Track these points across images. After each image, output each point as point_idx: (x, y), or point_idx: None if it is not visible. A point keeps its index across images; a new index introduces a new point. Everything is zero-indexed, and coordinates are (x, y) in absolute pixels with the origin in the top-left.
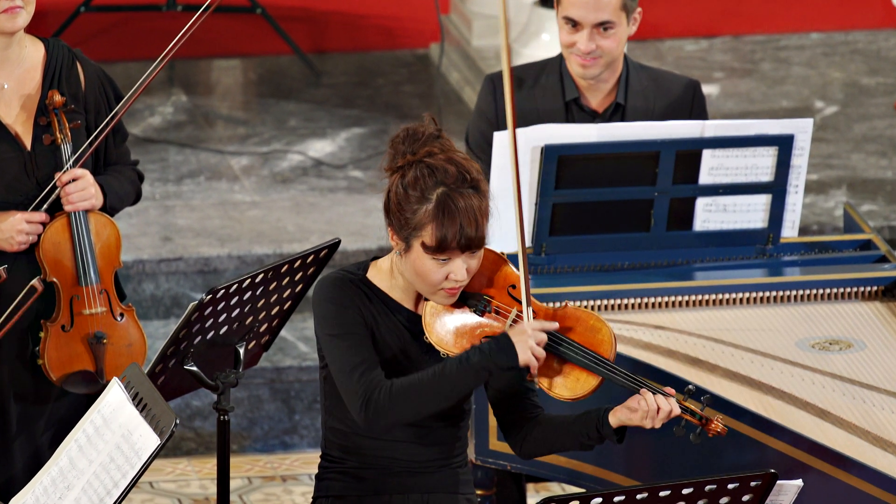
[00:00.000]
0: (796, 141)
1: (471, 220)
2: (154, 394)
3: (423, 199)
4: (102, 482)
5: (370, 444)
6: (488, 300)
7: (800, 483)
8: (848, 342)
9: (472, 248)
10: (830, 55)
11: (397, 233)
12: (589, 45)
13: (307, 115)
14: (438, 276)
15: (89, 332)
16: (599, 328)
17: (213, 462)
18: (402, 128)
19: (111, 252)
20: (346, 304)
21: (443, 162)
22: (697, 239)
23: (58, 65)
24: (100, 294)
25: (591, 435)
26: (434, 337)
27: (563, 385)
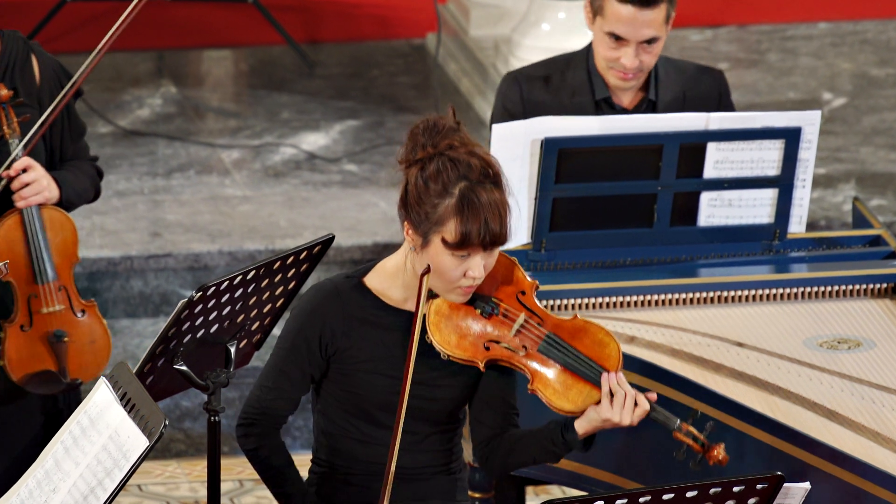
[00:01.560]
0: (804, 134)
1: (495, 216)
2: (142, 394)
3: (444, 193)
4: (89, 485)
5: (361, 449)
6: (497, 303)
7: (807, 486)
8: (857, 341)
9: (495, 244)
10: (839, 45)
11: (415, 228)
12: (634, 61)
13: (300, 107)
14: (456, 273)
15: (49, 330)
16: (607, 343)
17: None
18: (422, 119)
19: (68, 247)
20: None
21: (465, 155)
22: (702, 234)
23: (12, 57)
24: (58, 291)
25: (556, 441)
26: (437, 336)
27: (566, 397)
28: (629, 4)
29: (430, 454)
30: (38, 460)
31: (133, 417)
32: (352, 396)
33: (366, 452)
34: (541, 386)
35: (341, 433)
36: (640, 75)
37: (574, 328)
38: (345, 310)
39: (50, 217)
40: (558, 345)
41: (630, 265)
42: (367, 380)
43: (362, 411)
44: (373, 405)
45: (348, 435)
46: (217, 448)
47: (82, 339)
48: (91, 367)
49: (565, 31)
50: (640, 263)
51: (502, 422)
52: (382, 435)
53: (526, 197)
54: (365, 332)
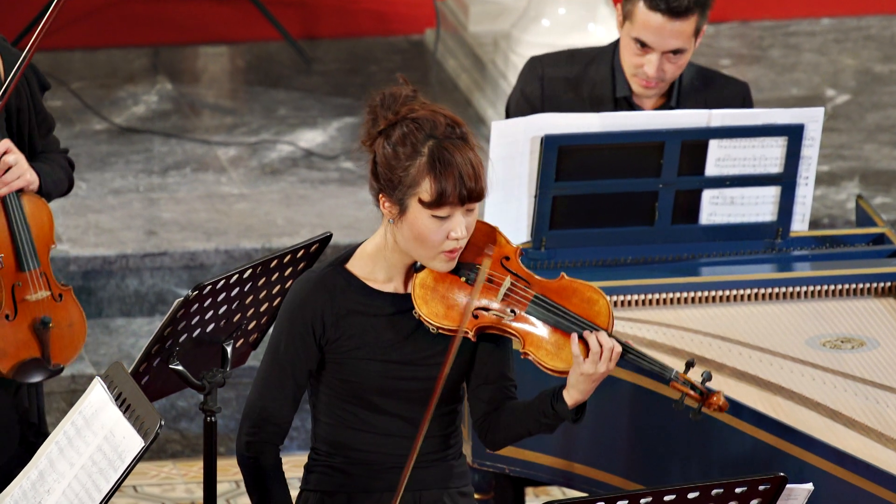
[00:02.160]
0: (807, 131)
1: (469, 170)
2: (138, 394)
3: (414, 153)
4: (84, 486)
5: (359, 438)
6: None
7: (810, 487)
8: (860, 340)
9: (472, 200)
10: (842, 41)
11: (390, 196)
12: (658, 71)
13: (297, 104)
14: (438, 236)
15: (35, 318)
16: (596, 300)
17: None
18: (377, 93)
19: (45, 233)
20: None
21: (429, 114)
22: (703, 233)
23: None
24: (40, 277)
25: (547, 412)
26: (424, 309)
27: (558, 357)
28: (659, 13)
29: (427, 441)
30: (33, 460)
31: (128, 418)
32: (347, 384)
33: (364, 440)
34: (532, 348)
35: (339, 422)
36: (663, 85)
37: (561, 287)
38: (333, 300)
39: (29, 203)
40: (547, 305)
41: (631, 264)
42: (360, 367)
43: (359, 398)
44: (369, 391)
45: (346, 424)
46: (213, 449)
47: (62, 322)
48: (69, 350)
49: (566, 27)
50: (641, 262)
51: (500, 395)
52: (381, 421)
53: (526, 195)
54: (354, 320)
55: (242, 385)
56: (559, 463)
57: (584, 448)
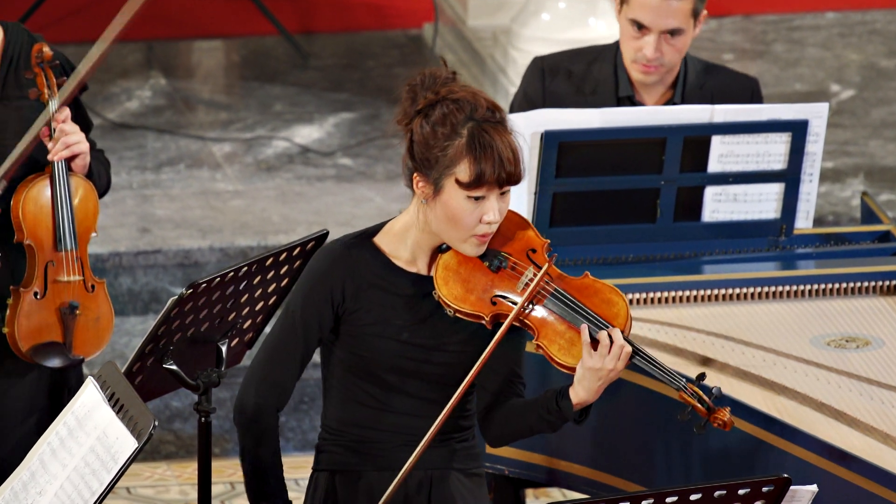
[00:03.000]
0: (811, 127)
1: (508, 153)
2: (131, 394)
3: (453, 133)
4: (76, 487)
5: (369, 415)
6: (505, 257)
7: (814, 488)
8: (865, 339)
9: (510, 183)
10: (847, 36)
11: (425, 175)
12: (655, 52)
13: (293, 100)
14: (472, 219)
15: (63, 301)
16: (615, 301)
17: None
18: (417, 73)
19: (89, 218)
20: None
21: (469, 96)
22: (706, 230)
23: (17, 50)
24: (75, 261)
25: (551, 408)
26: (444, 290)
27: (570, 353)
28: None
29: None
30: (24, 461)
31: (121, 418)
32: (359, 359)
33: (374, 417)
34: (546, 342)
35: (350, 397)
36: (662, 70)
37: (583, 286)
38: (355, 271)
39: (77, 184)
40: (565, 300)
41: (632, 262)
42: (373, 343)
43: (370, 374)
44: (381, 368)
45: (357, 400)
46: (208, 450)
47: (90, 314)
48: (92, 344)
49: (566, 21)
50: (643, 260)
51: (506, 389)
52: (391, 399)
53: (525, 191)
54: (373, 294)
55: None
56: (559, 464)
57: (585, 449)
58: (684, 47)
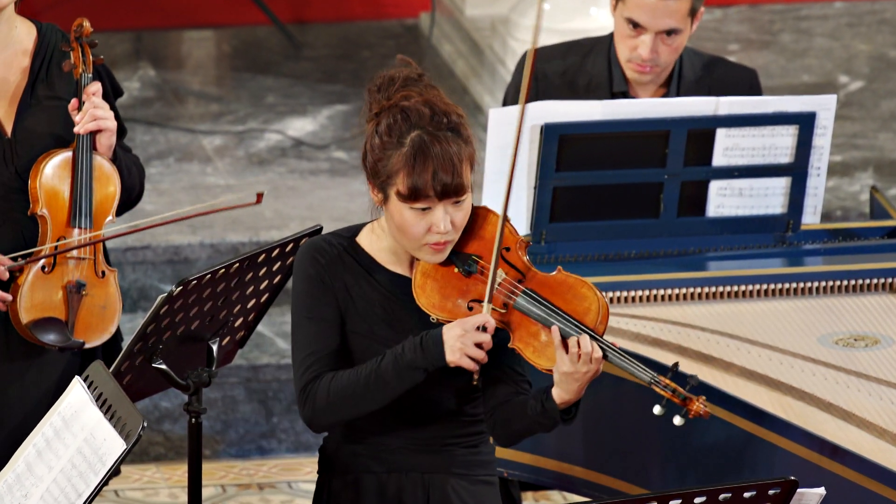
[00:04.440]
0: (818, 119)
1: (446, 165)
2: (119, 394)
3: (397, 144)
4: (63, 490)
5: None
6: (475, 260)
7: (822, 491)
8: (874, 338)
9: (449, 196)
10: (856, 26)
11: (374, 184)
12: (651, 53)
13: (286, 91)
14: (419, 229)
15: (70, 279)
16: (586, 296)
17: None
18: (379, 75)
19: (108, 202)
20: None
21: (419, 105)
22: (711, 226)
23: (50, 50)
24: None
25: (537, 408)
26: (422, 299)
27: (544, 355)
28: None
29: (440, 425)
30: (10, 464)
31: (109, 419)
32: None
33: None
34: (521, 344)
35: None
36: (657, 69)
37: (556, 283)
38: (344, 264)
39: (99, 167)
40: (535, 300)
41: (635, 258)
42: (359, 343)
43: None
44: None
45: None
46: (198, 451)
47: (96, 300)
48: (95, 331)
49: (566, 12)
50: (646, 256)
51: (510, 389)
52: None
53: (525, 186)
54: (359, 289)
55: (229, 385)
56: (559, 466)
57: (585, 451)
58: (680, 46)
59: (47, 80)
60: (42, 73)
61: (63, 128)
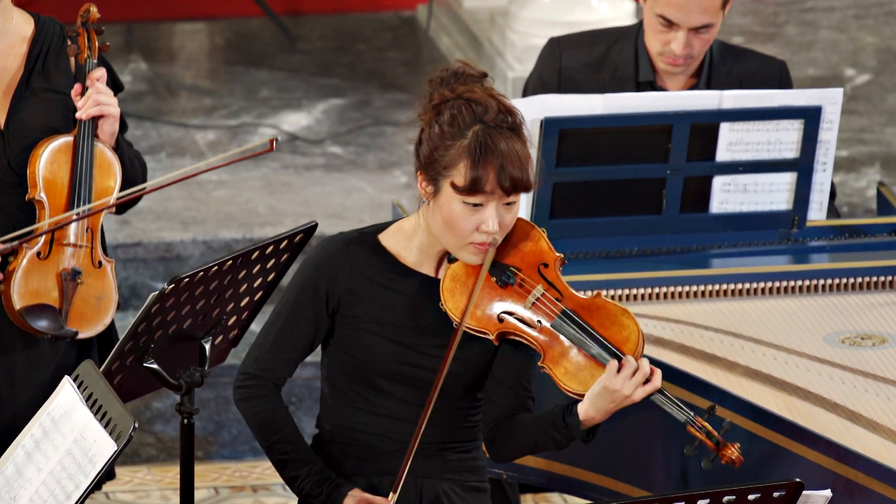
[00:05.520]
0: (824, 113)
1: (514, 160)
2: (110, 394)
3: (458, 134)
4: (52, 492)
5: (360, 419)
6: (514, 273)
7: (828, 493)
8: (882, 337)
9: (517, 191)
10: (862, 18)
11: (426, 174)
12: (685, 49)
13: (280, 85)
14: (468, 226)
15: (66, 267)
16: (626, 324)
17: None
18: (440, 68)
19: (107, 191)
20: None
21: (483, 97)
22: (714, 222)
23: (48, 42)
24: (86, 231)
25: (558, 424)
26: (450, 303)
27: (576, 378)
28: None
29: (436, 429)
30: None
31: (100, 420)
32: (354, 361)
33: (366, 421)
34: (551, 363)
35: (344, 400)
36: (691, 62)
37: (595, 306)
38: (354, 265)
39: (100, 154)
40: (573, 322)
41: (637, 255)
42: (369, 343)
43: (364, 377)
44: (375, 371)
45: (350, 402)
46: (190, 453)
47: (91, 290)
48: (89, 322)
49: (567, 3)
50: (648, 253)
51: (514, 403)
52: (384, 403)
53: None
54: (373, 293)
55: (221, 385)
56: (560, 468)
57: (587, 452)
58: (712, 38)
59: (44, 73)
60: (38, 66)
61: (59, 120)
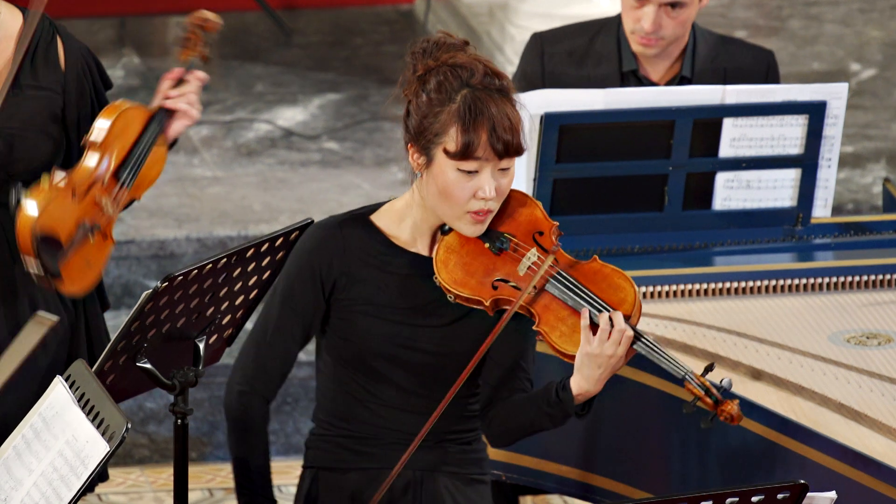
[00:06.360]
0: (829, 108)
1: (504, 123)
2: (102, 394)
3: (447, 100)
4: (44, 494)
5: (359, 409)
6: (508, 238)
7: (833, 495)
8: (888, 336)
9: (509, 154)
10: (868, 11)
11: (416, 145)
12: (653, 25)
13: (276, 80)
14: (465, 193)
15: (89, 217)
16: (623, 286)
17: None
18: (421, 40)
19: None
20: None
21: (469, 61)
22: (717, 219)
23: (36, 38)
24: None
25: (551, 400)
26: (443, 274)
27: (571, 341)
28: None
29: (442, 420)
30: None
31: (92, 420)
32: (349, 346)
33: (364, 411)
34: (547, 328)
35: (340, 389)
36: (662, 43)
37: (591, 270)
38: (347, 247)
39: (161, 144)
40: (568, 283)
41: (639, 253)
42: (365, 325)
43: (360, 362)
44: (371, 355)
45: (347, 392)
46: (184, 454)
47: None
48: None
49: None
50: (650, 251)
51: (511, 384)
52: (381, 391)
53: (524, 177)
54: (367, 273)
55: (216, 385)
56: (560, 469)
57: (586, 453)
58: (687, 20)
59: (32, 69)
60: (26, 62)
61: (46, 118)
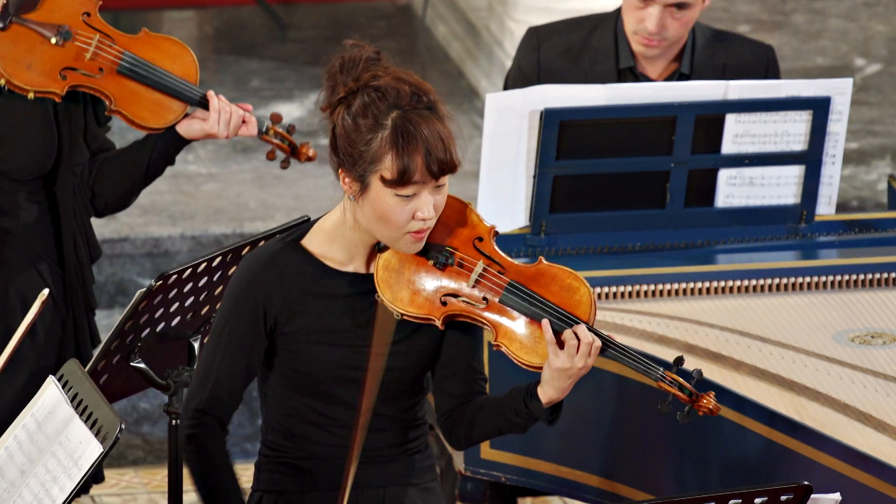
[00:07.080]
0: (833, 104)
1: (437, 143)
2: (95, 394)
3: (376, 125)
4: (36, 496)
5: (313, 431)
6: (451, 252)
7: (837, 497)
8: (893, 335)
9: (444, 173)
10: (873, 6)
11: (350, 172)
12: (658, 26)
13: (271, 75)
14: (403, 216)
15: (61, 24)
16: (577, 287)
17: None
18: (335, 57)
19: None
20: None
21: (393, 82)
22: (720, 216)
23: None
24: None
25: (519, 410)
26: (387, 294)
27: (534, 351)
28: None
29: (389, 433)
30: None
31: (85, 421)
32: (303, 375)
33: (318, 433)
34: (506, 341)
35: (292, 413)
36: (665, 44)
37: (539, 273)
38: (284, 279)
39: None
40: (522, 293)
41: (640, 251)
42: (315, 354)
43: (313, 389)
44: (324, 381)
45: (300, 415)
46: (179, 455)
47: (36, 50)
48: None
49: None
50: (652, 249)
51: (467, 389)
52: (336, 412)
53: (524, 175)
54: (308, 302)
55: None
56: (560, 471)
57: (587, 454)
58: (691, 21)
59: None
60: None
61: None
